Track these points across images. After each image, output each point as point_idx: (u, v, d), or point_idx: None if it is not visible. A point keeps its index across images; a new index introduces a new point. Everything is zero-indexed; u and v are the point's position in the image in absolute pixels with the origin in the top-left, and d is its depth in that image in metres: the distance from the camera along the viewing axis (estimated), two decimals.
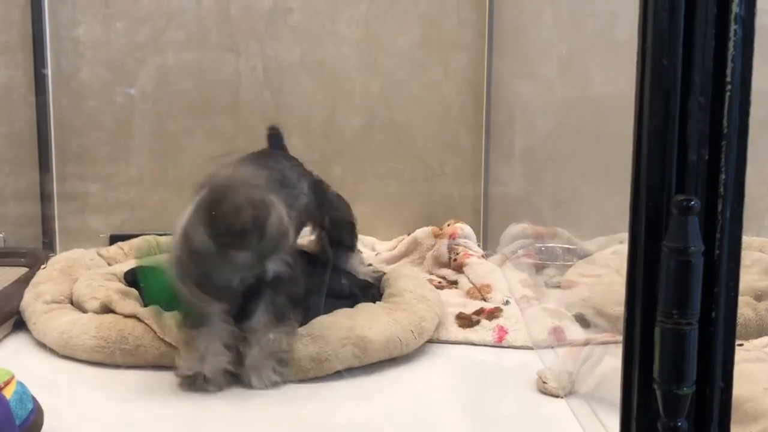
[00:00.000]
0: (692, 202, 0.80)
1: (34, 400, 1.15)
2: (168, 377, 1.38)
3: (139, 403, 1.32)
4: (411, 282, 1.60)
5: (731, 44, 0.80)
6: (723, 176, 0.82)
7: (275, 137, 1.70)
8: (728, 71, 0.80)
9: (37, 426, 1.14)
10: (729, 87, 0.81)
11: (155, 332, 1.41)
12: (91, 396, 1.34)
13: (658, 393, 0.83)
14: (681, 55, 0.81)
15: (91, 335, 1.42)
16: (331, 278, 1.61)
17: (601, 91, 1.79)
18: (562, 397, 1.30)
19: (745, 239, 1.89)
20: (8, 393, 1.11)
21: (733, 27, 0.80)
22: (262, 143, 1.93)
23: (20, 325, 1.57)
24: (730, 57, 0.80)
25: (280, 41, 1.96)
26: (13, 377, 1.14)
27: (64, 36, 1.93)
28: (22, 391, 1.13)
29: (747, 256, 1.86)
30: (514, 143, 2.00)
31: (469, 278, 1.77)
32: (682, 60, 0.81)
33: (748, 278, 1.76)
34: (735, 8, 0.80)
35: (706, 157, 0.82)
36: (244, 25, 1.95)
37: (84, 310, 1.52)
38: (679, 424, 0.83)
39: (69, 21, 1.92)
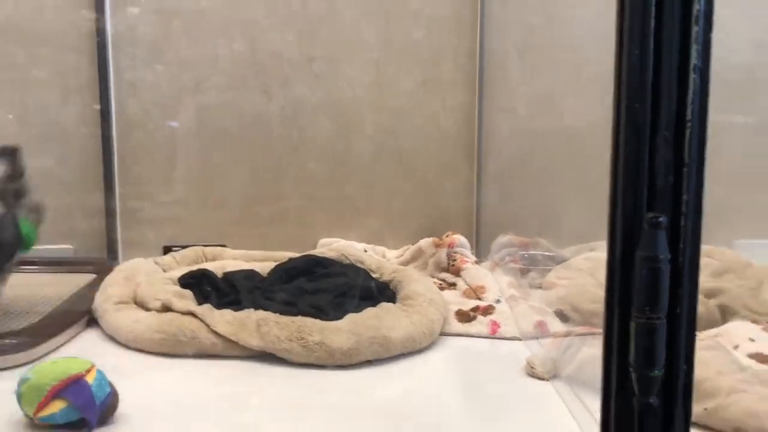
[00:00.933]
0: (660, 219, 0.83)
1: (110, 384, 1.17)
2: (218, 363, 1.40)
3: (194, 386, 1.33)
4: (422, 286, 1.62)
5: (691, 90, 0.83)
6: (685, 197, 0.84)
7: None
8: (688, 112, 0.83)
9: (113, 406, 1.16)
10: (689, 125, 0.83)
11: (208, 326, 1.44)
12: (156, 380, 1.36)
13: (633, 375, 0.85)
14: (650, 99, 0.84)
15: (155, 330, 1.44)
16: (362, 281, 1.64)
17: (572, 124, 1.82)
18: (547, 380, 1.32)
19: None
20: (90, 379, 1.14)
21: (692, 76, 0.83)
22: (289, 170, 1.97)
23: (91, 322, 1.59)
24: (689, 100, 0.83)
25: (305, 84, 1.98)
26: (93, 366, 1.16)
27: (125, 79, 1.95)
28: (101, 377, 1.15)
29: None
30: (501, 167, 2.02)
31: (465, 281, 1.80)
32: (651, 103, 0.84)
33: (700, 280, 1.78)
34: (694, 60, 0.83)
35: (671, 182, 0.85)
36: (274, 72, 1.97)
37: (147, 309, 1.54)
38: (651, 400, 0.86)
39: (128, 67, 1.95)
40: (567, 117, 1.85)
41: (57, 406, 1.11)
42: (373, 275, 1.75)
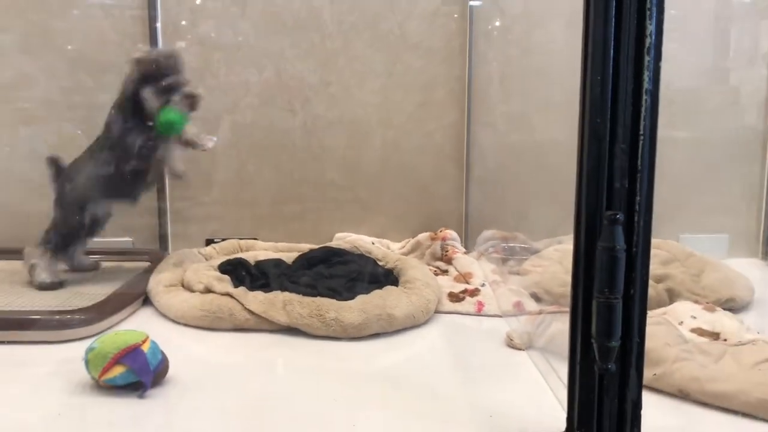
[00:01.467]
0: (618, 216, 0.83)
1: (162, 352, 1.17)
2: (250, 336, 1.41)
3: (230, 354, 1.34)
4: (419, 272, 1.62)
5: (643, 108, 0.83)
6: (638, 198, 0.84)
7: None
8: (641, 127, 0.83)
9: (164, 370, 1.17)
10: (642, 137, 0.83)
11: (242, 305, 1.44)
12: (199, 350, 1.37)
13: (594, 345, 0.85)
14: (609, 116, 0.84)
15: (198, 308, 1.45)
16: (370, 268, 1.64)
17: (543, 138, 1.81)
18: (523, 350, 1.32)
19: None
20: (145, 348, 1.14)
21: (644, 97, 0.83)
22: (310, 175, 1.96)
23: (146, 301, 1.59)
24: (642, 117, 0.83)
25: (323, 104, 1.98)
26: (147, 337, 1.16)
27: None
28: (154, 347, 1.16)
29: None
30: (485, 173, 2.02)
31: (456, 268, 1.79)
32: (610, 119, 0.84)
33: (651, 267, 1.77)
34: (646, 84, 0.82)
35: (627, 185, 0.85)
36: (298, 94, 1.97)
37: (192, 291, 1.54)
38: (610, 366, 0.85)
39: None
40: (538, 132, 1.85)
41: (118, 371, 1.12)
42: (380, 263, 1.75)
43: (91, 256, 1.89)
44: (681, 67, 1.96)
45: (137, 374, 1.12)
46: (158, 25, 1.92)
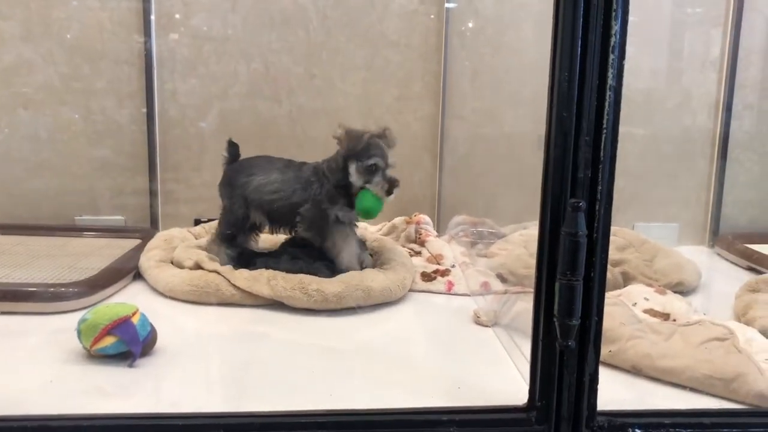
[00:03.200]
0: (580, 203, 0.82)
1: (150, 324, 1.15)
2: (235, 310, 1.39)
3: (216, 327, 1.32)
4: (395, 253, 1.61)
5: (607, 103, 0.82)
6: (600, 187, 0.84)
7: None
8: (604, 121, 0.82)
9: (152, 341, 1.15)
10: (605, 131, 0.83)
11: (228, 281, 1.42)
12: (187, 323, 1.35)
13: (556, 324, 0.85)
14: (575, 110, 0.83)
15: (186, 283, 1.42)
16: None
17: (510, 130, 1.81)
18: (489, 327, 1.32)
19: None
20: (135, 320, 1.12)
21: (608, 93, 0.82)
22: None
23: (137, 276, 1.56)
24: (605, 112, 0.82)
25: (307, 95, 1.96)
26: (137, 309, 1.14)
27: (166, 89, 1.92)
28: (143, 319, 1.14)
29: None
30: (457, 163, 2.02)
31: (428, 250, 1.78)
32: (576, 112, 0.83)
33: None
34: (610, 81, 0.82)
35: (590, 175, 0.84)
36: (283, 84, 1.95)
37: (181, 267, 1.52)
38: (570, 343, 0.85)
39: (169, 77, 1.91)
40: (507, 125, 1.84)
41: (108, 341, 1.10)
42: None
43: (84, 233, 1.87)
44: (640, 69, 1.97)
45: (127, 344, 1.10)
46: (152, 17, 1.88)
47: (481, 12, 1.99)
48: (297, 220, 1.52)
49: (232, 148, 1.61)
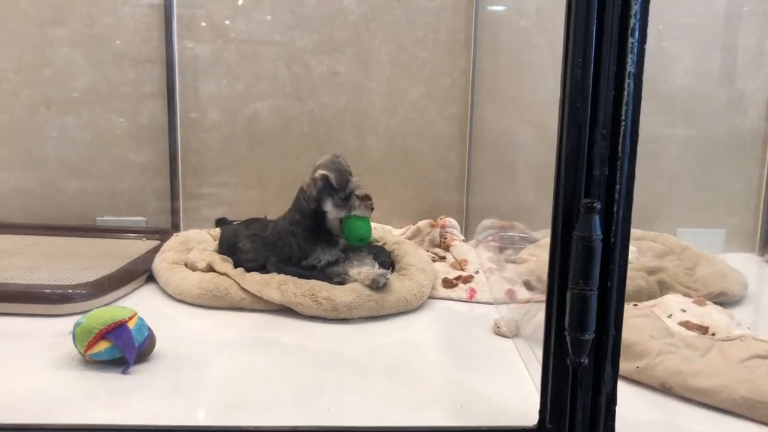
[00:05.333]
0: (595, 204, 0.74)
1: (149, 329, 1.11)
2: (244, 315, 1.34)
3: (223, 332, 1.28)
4: (414, 257, 1.53)
5: (625, 93, 0.74)
6: (618, 186, 0.76)
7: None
8: (623, 112, 0.74)
9: (150, 347, 1.11)
10: (623, 123, 0.74)
11: (239, 285, 1.37)
12: (192, 327, 1.30)
13: (568, 338, 0.77)
14: (590, 100, 0.75)
15: (196, 286, 1.38)
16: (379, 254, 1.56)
17: (545, 131, 1.72)
18: (510, 338, 1.24)
19: (643, 233, 1.82)
20: (131, 324, 1.08)
21: (627, 81, 0.74)
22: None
23: (151, 277, 1.53)
24: (624, 102, 0.74)
25: (331, 93, 1.90)
26: (135, 314, 1.10)
27: (189, 89, 1.89)
28: (141, 323, 1.10)
29: (644, 245, 1.78)
30: (487, 164, 1.93)
31: (453, 255, 1.71)
32: (591, 103, 0.75)
33: (644, 260, 1.68)
34: (629, 67, 0.73)
35: (607, 172, 0.76)
36: (307, 82, 1.89)
37: (195, 269, 1.48)
38: (583, 360, 0.77)
39: (192, 79, 1.88)
40: (539, 124, 1.75)
41: (103, 346, 1.06)
42: (378, 243, 1.66)
43: (105, 234, 1.85)
44: (683, 66, 1.85)
45: (121, 350, 1.05)
46: (174, 17, 1.85)
47: (513, 3, 1.91)
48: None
49: (220, 223, 1.63)
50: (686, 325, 1.22)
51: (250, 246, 1.50)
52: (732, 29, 1.86)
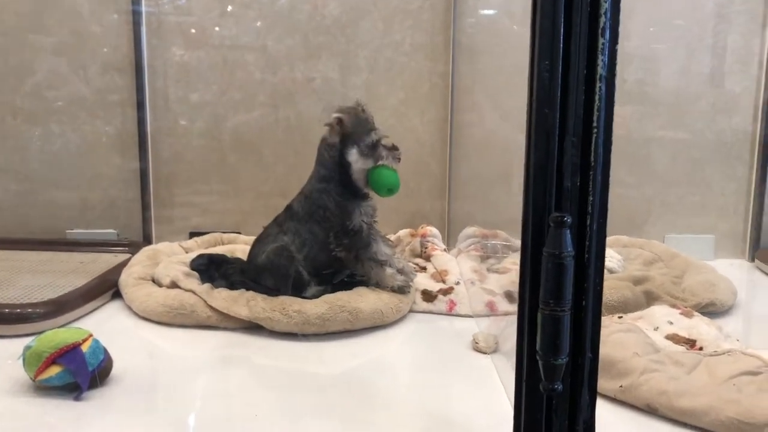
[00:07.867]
0: (565, 218, 0.69)
1: (105, 351, 1.05)
2: (211, 333, 1.28)
3: (186, 352, 1.22)
4: None
5: (597, 97, 0.69)
6: (591, 198, 0.70)
7: None
8: (595, 118, 0.69)
9: (107, 371, 1.05)
10: (595, 130, 0.69)
11: (205, 302, 1.31)
12: (155, 347, 1.25)
13: (540, 363, 0.71)
14: (558, 105, 0.69)
15: (160, 303, 1.32)
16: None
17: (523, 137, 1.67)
18: (488, 354, 1.18)
19: (631, 240, 1.77)
20: (85, 347, 1.02)
21: (598, 84, 0.68)
22: (292, 169, 1.82)
23: (118, 293, 1.46)
24: (596, 107, 0.69)
25: (306, 100, 1.84)
26: (90, 335, 1.04)
27: (160, 97, 1.83)
28: (95, 346, 1.04)
29: (632, 252, 1.73)
30: (469, 171, 1.88)
31: (434, 265, 1.65)
32: (560, 109, 0.70)
33: (632, 268, 1.63)
34: (600, 70, 0.68)
35: (578, 183, 0.70)
36: (282, 89, 1.84)
37: (161, 285, 1.42)
38: (556, 386, 0.71)
39: (162, 87, 1.83)
40: (523, 129, 1.70)
41: (54, 371, 1.00)
42: None
43: (72, 247, 1.79)
44: (671, 68, 1.80)
45: (73, 375, 0.99)
46: (143, 25, 1.79)
47: (492, 4, 1.86)
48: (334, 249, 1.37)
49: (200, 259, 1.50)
50: (673, 338, 1.17)
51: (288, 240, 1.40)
52: (719, 30, 1.81)
